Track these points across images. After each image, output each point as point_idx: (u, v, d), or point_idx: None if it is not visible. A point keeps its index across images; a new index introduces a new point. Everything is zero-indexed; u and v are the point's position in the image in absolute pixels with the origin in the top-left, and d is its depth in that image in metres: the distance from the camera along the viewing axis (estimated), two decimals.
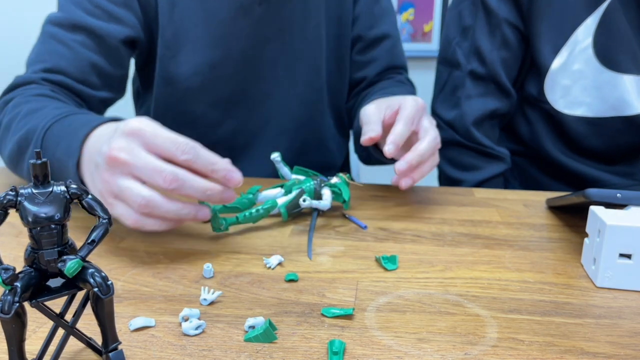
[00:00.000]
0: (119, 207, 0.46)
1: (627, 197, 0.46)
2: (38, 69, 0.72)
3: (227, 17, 0.79)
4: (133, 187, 0.45)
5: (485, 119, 0.87)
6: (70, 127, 0.56)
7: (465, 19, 0.86)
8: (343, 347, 0.34)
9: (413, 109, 0.61)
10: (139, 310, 0.39)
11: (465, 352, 0.34)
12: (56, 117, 0.59)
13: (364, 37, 0.91)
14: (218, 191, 0.47)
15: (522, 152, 0.92)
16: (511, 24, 0.82)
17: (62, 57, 0.72)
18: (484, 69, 0.85)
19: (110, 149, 0.45)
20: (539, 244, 0.54)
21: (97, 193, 0.48)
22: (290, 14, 0.82)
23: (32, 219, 0.27)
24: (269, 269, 0.47)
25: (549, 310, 0.40)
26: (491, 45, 0.83)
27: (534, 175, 0.91)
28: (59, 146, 0.55)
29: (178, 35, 0.79)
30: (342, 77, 0.93)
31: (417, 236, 0.55)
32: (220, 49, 0.80)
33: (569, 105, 0.81)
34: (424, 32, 2.20)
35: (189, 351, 0.34)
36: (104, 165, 0.46)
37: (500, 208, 0.66)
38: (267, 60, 0.83)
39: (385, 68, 0.93)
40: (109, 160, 0.45)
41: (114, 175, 0.46)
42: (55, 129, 0.57)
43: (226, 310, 0.39)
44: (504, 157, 0.88)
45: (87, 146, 0.52)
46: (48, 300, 0.29)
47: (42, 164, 0.28)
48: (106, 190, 0.46)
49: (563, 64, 0.80)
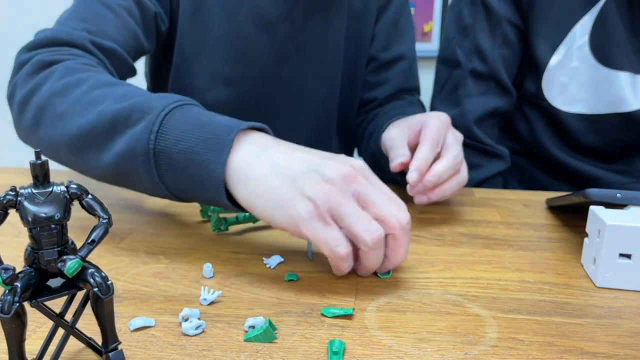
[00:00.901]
0: (335, 232, 0.40)
1: (627, 197, 0.46)
2: (81, 27, 0.59)
3: (251, 33, 0.75)
4: (369, 216, 0.40)
5: (486, 117, 0.87)
6: (209, 117, 0.46)
7: (465, 19, 0.86)
8: (343, 347, 0.34)
9: (436, 128, 0.57)
10: (139, 310, 0.39)
11: (465, 352, 0.34)
12: (179, 102, 0.47)
13: (378, 59, 0.88)
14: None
15: (520, 151, 0.92)
16: (511, 23, 0.83)
17: (109, 21, 0.62)
18: (485, 67, 0.85)
19: (351, 166, 0.41)
20: (539, 244, 0.54)
21: (300, 199, 0.40)
22: (312, 33, 0.79)
23: (32, 219, 0.27)
24: (269, 269, 0.47)
25: (549, 310, 0.40)
26: (492, 44, 0.84)
27: (532, 174, 0.92)
28: (191, 134, 0.44)
29: (197, 45, 0.75)
30: (354, 97, 0.90)
31: (417, 236, 0.55)
32: (240, 66, 0.77)
33: (567, 103, 0.82)
34: (424, 32, 2.20)
35: (189, 351, 0.34)
36: (334, 174, 0.40)
37: (500, 208, 0.66)
38: (283, 79, 0.80)
39: (398, 90, 0.90)
40: (347, 174, 0.40)
41: (345, 191, 0.40)
42: (179, 114, 0.46)
43: (226, 310, 0.39)
44: (504, 156, 0.89)
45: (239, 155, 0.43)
46: (48, 300, 0.29)
47: (42, 164, 0.28)
48: (327, 202, 0.39)
49: (560, 61, 0.81)
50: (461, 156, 0.60)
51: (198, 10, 0.73)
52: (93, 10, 0.62)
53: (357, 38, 0.85)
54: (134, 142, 0.46)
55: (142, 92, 0.50)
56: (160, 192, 0.48)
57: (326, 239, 0.39)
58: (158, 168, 0.45)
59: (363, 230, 0.39)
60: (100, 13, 0.62)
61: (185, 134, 0.44)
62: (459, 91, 0.88)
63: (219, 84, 0.77)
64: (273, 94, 0.81)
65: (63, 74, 0.54)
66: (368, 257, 0.41)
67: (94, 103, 0.49)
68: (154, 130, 0.45)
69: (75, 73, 0.54)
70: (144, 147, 0.45)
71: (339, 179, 0.40)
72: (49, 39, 0.58)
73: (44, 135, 0.53)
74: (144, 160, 0.45)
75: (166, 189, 0.47)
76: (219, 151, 0.43)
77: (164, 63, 0.79)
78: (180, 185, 0.46)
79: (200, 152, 0.43)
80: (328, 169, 0.40)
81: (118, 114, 0.47)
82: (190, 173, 0.44)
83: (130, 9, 0.65)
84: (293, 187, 0.40)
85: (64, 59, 0.56)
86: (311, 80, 0.82)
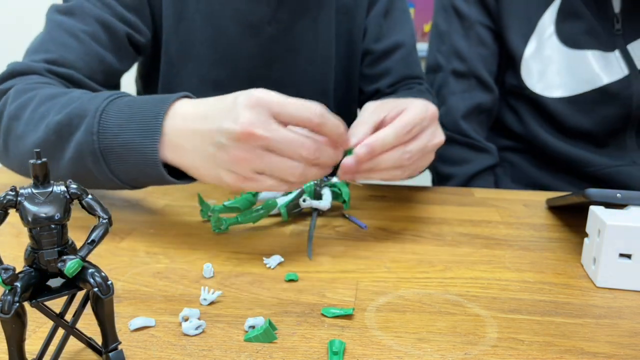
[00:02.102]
0: (267, 181, 0.46)
1: (627, 197, 0.46)
2: (40, 58, 0.65)
3: (235, 36, 0.76)
4: (279, 160, 0.44)
5: (473, 112, 0.91)
6: (136, 107, 0.50)
7: (440, 26, 0.93)
8: (343, 347, 0.34)
9: (414, 116, 0.51)
10: (139, 310, 0.39)
11: (465, 352, 0.34)
12: (109, 98, 0.52)
13: (373, 51, 0.87)
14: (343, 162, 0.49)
15: (513, 147, 0.95)
16: (483, 24, 0.89)
17: (71, 49, 0.66)
18: (464, 66, 0.90)
19: (241, 124, 0.43)
20: (539, 244, 0.54)
21: (225, 174, 0.46)
22: (300, 33, 0.79)
23: (32, 219, 0.27)
24: (269, 269, 0.47)
25: (549, 310, 0.40)
26: (468, 44, 0.90)
27: (524, 169, 0.93)
28: (126, 129, 0.49)
29: (182, 52, 0.76)
30: (351, 92, 0.90)
31: (417, 236, 0.55)
32: (226, 69, 0.77)
33: (547, 88, 0.87)
34: (424, 32, 2.20)
35: (189, 351, 0.34)
36: (233, 143, 0.44)
37: (500, 208, 0.66)
38: (273, 80, 0.80)
39: (401, 79, 0.87)
40: (243, 136, 0.43)
41: (252, 151, 0.44)
42: (112, 110, 0.51)
43: (226, 310, 0.39)
44: (492, 151, 0.92)
45: (172, 126, 0.48)
46: (48, 300, 0.29)
47: (42, 164, 0.28)
48: (244, 169, 0.45)
49: (534, 51, 0.86)
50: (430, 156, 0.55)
51: (181, 17, 0.74)
52: (56, 39, 0.66)
53: (349, 33, 0.85)
54: (80, 146, 0.51)
55: (79, 97, 0.54)
56: (117, 185, 0.53)
57: (264, 188, 0.46)
58: (107, 164, 0.51)
59: (286, 174, 0.45)
60: (63, 42, 0.66)
61: (121, 128, 0.49)
62: (442, 91, 0.92)
63: (207, 88, 0.78)
64: None
65: (15, 97, 0.59)
66: (311, 173, 0.46)
67: (42, 118, 0.54)
68: (93, 131, 0.50)
69: (25, 93, 0.58)
70: (90, 148, 0.50)
71: (239, 145, 0.44)
72: (9, 72, 0.64)
73: (13, 156, 0.58)
74: (93, 160, 0.51)
75: (120, 181, 0.52)
76: (151, 137, 0.48)
77: (153, 69, 0.80)
78: (129, 175, 0.51)
79: (136, 141, 0.49)
80: (227, 138, 0.44)
81: (60, 124, 0.52)
82: (133, 162, 0.50)
83: (94, 34, 0.67)
84: (216, 167, 0.47)
85: (17, 84, 0.61)
86: (302, 79, 0.82)
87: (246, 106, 0.44)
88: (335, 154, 0.47)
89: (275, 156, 0.44)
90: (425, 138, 0.53)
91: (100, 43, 0.68)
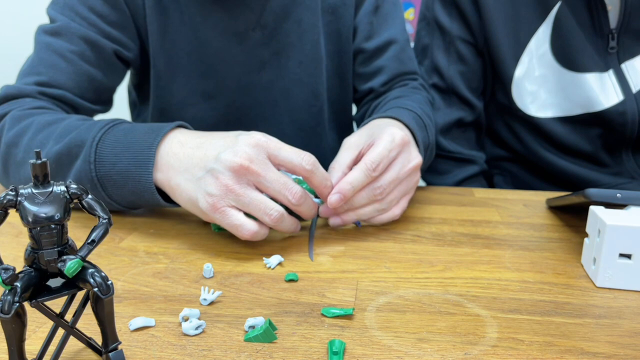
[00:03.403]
0: (238, 216, 0.47)
1: (627, 197, 0.46)
2: (32, 81, 0.67)
3: (220, 46, 0.76)
4: (266, 200, 0.48)
5: (452, 127, 0.91)
6: (132, 137, 0.53)
7: (423, 39, 0.93)
8: (343, 347, 0.34)
9: (383, 150, 0.53)
10: (139, 310, 0.39)
11: (465, 352, 0.34)
12: (105, 127, 0.54)
13: (365, 49, 0.86)
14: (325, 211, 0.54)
15: (511, 158, 0.94)
16: (464, 40, 0.88)
17: (60, 70, 0.68)
18: (443, 82, 0.91)
19: (240, 157, 0.46)
20: (539, 244, 0.54)
21: (202, 197, 0.47)
22: (286, 37, 0.79)
23: (32, 219, 0.27)
24: (269, 269, 0.47)
25: (549, 310, 0.40)
26: (447, 61, 0.90)
27: (526, 180, 0.93)
28: (122, 158, 0.52)
29: (170, 65, 0.76)
30: (346, 92, 0.90)
31: (417, 236, 0.55)
32: (214, 79, 0.78)
33: (540, 109, 0.85)
34: None
35: (189, 351, 0.34)
36: (227, 172, 0.46)
37: (500, 208, 0.66)
38: (263, 85, 0.81)
39: (394, 76, 0.87)
40: (239, 168, 0.46)
41: (240, 184, 0.47)
42: (108, 139, 0.53)
43: (226, 310, 0.39)
44: (476, 160, 0.92)
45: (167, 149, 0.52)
46: (48, 300, 0.29)
47: (42, 164, 0.28)
48: (225, 199, 0.47)
49: (525, 71, 0.84)
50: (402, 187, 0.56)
51: (166, 31, 0.75)
52: (46, 61, 0.68)
53: (338, 33, 0.85)
54: (79, 174, 0.54)
55: (77, 125, 0.57)
56: (116, 208, 0.57)
57: (231, 225, 0.48)
58: (105, 190, 0.54)
59: (262, 214, 0.48)
60: (52, 63, 0.68)
61: (117, 158, 0.52)
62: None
63: (198, 99, 0.79)
64: (256, 100, 0.81)
65: (11, 124, 0.61)
66: (284, 223, 0.50)
67: (40, 147, 0.56)
68: (90, 160, 0.53)
69: (21, 121, 0.61)
70: (88, 176, 0.53)
71: (233, 175, 0.47)
72: (3, 97, 0.66)
73: (13, 181, 0.61)
74: (91, 187, 0.54)
75: (117, 204, 0.56)
76: (145, 166, 0.51)
77: (144, 81, 0.81)
78: (126, 199, 0.54)
79: (131, 170, 0.52)
80: (223, 166, 0.47)
81: (60, 153, 0.55)
82: (130, 189, 0.53)
83: (82, 53, 0.69)
84: (198, 189, 0.48)
85: (12, 109, 0.63)
86: (292, 82, 0.82)
87: (248, 144, 0.47)
88: (314, 207, 0.52)
89: (260, 194, 0.48)
90: (396, 168, 0.55)
91: (89, 62, 0.70)
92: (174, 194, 0.52)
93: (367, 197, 0.54)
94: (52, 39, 0.68)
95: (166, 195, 0.54)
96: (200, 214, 0.50)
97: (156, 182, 0.52)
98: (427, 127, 0.71)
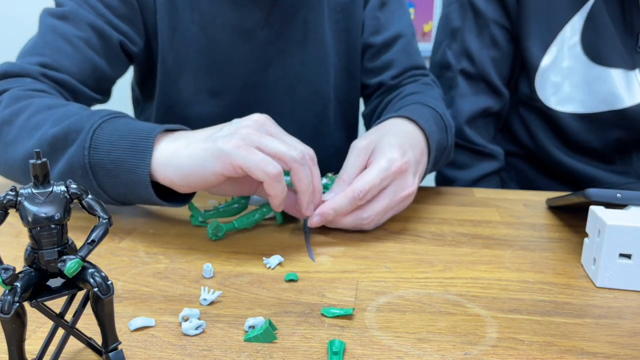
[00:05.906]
0: (263, 155, 0.47)
1: (627, 197, 0.46)
2: (35, 61, 0.65)
3: (228, 44, 0.77)
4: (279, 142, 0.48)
5: (478, 117, 0.88)
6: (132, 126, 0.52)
7: (453, 21, 0.88)
8: (343, 347, 0.34)
9: (376, 177, 0.52)
10: (139, 310, 0.39)
11: (465, 352, 0.34)
12: (106, 116, 0.53)
13: (373, 44, 0.86)
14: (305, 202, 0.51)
15: (519, 154, 0.93)
16: (499, 24, 0.85)
17: (65, 54, 0.66)
18: (474, 68, 0.87)
19: (257, 115, 0.50)
20: (539, 244, 0.54)
21: (222, 142, 0.46)
22: (292, 35, 0.80)
23: (32, 219, 0.27)
24: (269, 269, 0.47)
25: (549, 310, 0.40)
26: (480, 45, 0.86)
27: (531, 176, 0.92)
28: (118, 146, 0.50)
29: (178, 62, 0.77)
30: (354, 90, 0.89)
31: (417, 236, 0.55)
32: (221, 76, 0.78)
33: (561, 102, 0.84)
34: (424, 32, 2.20)
35: (189, 351, 0.34)
36: (247, 121, 0.49)
37: (500, 208, 0.66)
38: (268, 84, 0.81)
39: (404, 70, 0.86)
40: (257, 118, 0.50)
41: (260, 131, 0.48)
42: (106, 127, 0.52)
43: (226, 310, 0.39)
44: (497, 156, 0.89)
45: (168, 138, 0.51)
46: (48, 300, 0.29)
47: (42, 164, 0.28)
48: (248, 138, 0.47)
49: (552, 61, 0.82)
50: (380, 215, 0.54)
51: (176, 29, 0.75)
52: (51, 43, 0.66)
53: (346, 31, 0.84)
54: (72, 160, 0.52)
55: (77, 111, 0.55)
56: (104, 200, 0.54)
57: (257, 161, 0.46)
58: (96, 178, 0.52)
59: (287, 149, 0.48)
60: (57, 46, 0.66)
61: (113, 146, 0.50)
62: (451, 92, 0.89)
63: (204, 96, 0.79)
64: (261, 98, 0.82)
65: (9, 102, 0.59)
66: (299, 174, 0.49)
67: (36, 128, 0.55)
68: (86, 146, 0.51)
69: (20, 100, 0.59)
70: (80, 162, 0.51)
71: (253, 123, 0.49)
72: (2, 73, 0.64)
73: (2, 160, 0.59)
74: (82, 174, 0.52)
75: (107, 196, 0.53)
76: (142, 156, 0.49)
77: (148, 78, 0.81)
78: (117, 191, 0.52)
79: (127, 160, 0.50)
80: (239, 121, 0.49)
81: (56, 137, 0.53)
82: (122, 180, 0.51)
83: (89, 40, 0.68)
84: (213, 140, 0.47)
85: (12, 87, 0.61)
86: (297, 80, 0.83)
87: (251, 119, 0.50)
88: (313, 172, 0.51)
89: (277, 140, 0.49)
90: (387, 197, 0.54)
91: (94, 49, 0.69)
92: (177, 161, 0.48)
93: (352, 224, 0.54)
94: (59, 22, 0.67)
95: (160, 192, 0.52)
96: (216, 165, 0.47)
97: (153, 172, 0.50)
98: (447, 128, 0.70)
